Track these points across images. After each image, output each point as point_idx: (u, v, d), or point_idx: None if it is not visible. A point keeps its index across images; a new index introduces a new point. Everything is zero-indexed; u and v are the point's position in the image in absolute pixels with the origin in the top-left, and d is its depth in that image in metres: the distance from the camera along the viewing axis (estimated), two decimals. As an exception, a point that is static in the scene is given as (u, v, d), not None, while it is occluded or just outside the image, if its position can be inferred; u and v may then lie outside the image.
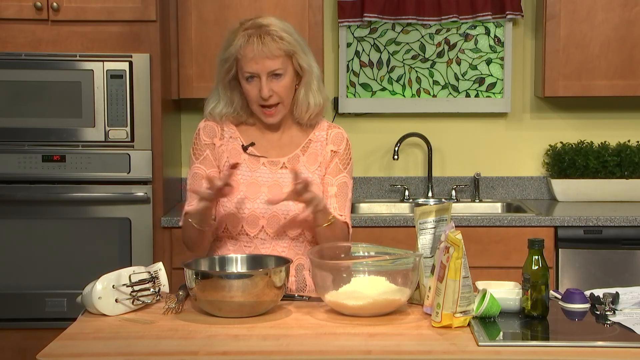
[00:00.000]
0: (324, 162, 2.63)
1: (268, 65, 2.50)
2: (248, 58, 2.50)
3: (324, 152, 2.64)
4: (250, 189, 2.57)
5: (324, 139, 2.65)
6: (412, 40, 4.39)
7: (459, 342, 2.06)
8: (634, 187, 4.21)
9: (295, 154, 2.62)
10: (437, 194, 4.41)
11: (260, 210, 2.56)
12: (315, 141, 2.65)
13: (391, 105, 4.41)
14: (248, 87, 2.54)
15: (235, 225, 2.57)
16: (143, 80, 3.75)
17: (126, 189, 3.77)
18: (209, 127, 2.65)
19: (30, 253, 3.77)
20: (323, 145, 2.65)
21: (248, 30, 2.52)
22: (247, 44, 2.50)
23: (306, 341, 2.08)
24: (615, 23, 4.05)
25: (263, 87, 2.51)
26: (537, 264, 2.26)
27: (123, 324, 2.23)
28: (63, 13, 3.76)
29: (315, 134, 2.65)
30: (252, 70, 2.51)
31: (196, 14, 4.02)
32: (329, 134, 2.66)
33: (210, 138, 2.64)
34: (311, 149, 2.64)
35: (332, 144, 2.65)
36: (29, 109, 3.73)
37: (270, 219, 2.56)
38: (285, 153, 2.62)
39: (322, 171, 2.63)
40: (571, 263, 3.81)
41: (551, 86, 4.09)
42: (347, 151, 2.68)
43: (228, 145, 2.62)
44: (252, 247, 2.58)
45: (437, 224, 2.42)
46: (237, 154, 2.60)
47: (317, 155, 2.63)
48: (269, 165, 2.60)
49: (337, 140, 2.67)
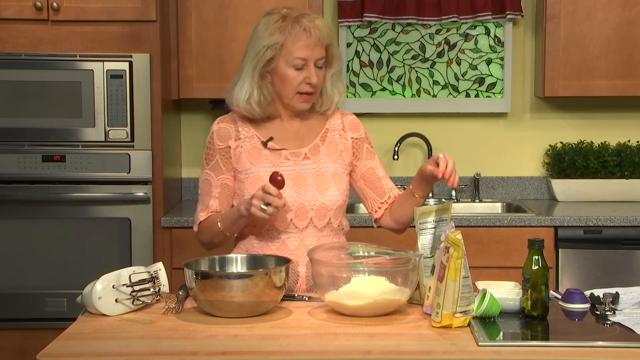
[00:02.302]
0: (344, 150, 2.64)
1: (318, 52, 2.52)
2: (302, 44, 2.50)
3: (344, 140, 2.65)
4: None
5: (341, 127, 2.66)
6: (412, 40, 4.39)
7: (459, 342, 2.06)
8: (634, 187, 4.21)
9: (315, 144, 2.62)
10: (437, 194, 4.41)
11: (288, 204, 2.55)
12: (332, 130, 2.65)
13: (391, 105, 4.41)
14: (292, 75, 2.52)
15: (264, 221, 2.54)
16: (143, 80, 3.75)
17: (126, 189, 3.77)
18: (222, 130, 2.61)
19: (30, 253, 3.77)
20: (341, 133, 2.65)
21: (292, 18, 2.51)
22: (302, 30, 2.50)
23: (306, 341, 2.08)
24: (615, 23, 4.05)
25: (312, 74, 2.52)
26: (537, 264, 2.26)
27: (123, 324, 2.23)
28: (63, 13, 3.76)
29: (331, 123, 2.66)
30: (304, 56, 2.51)
31: (196, 14, 4.02)
32: (345, 121, 2.68)
33: (224, 141, 2.60)
34: (329, 137, 2.64)
35: (350, 131, 2.67)
36: (29, 109, 3.73)
37: (297, 211, 2.56)
38: (305, 144, 2.62)
39: (343, 159, 2.63)
40: (571, 263, 3.81)
41: (551, 86, 4.09)
42: (367, 134, 2.72)
43: (246, 145, 2.60)
44: (279, 243, 2.57)
45: (437, 224, 2.42)
46: (258, 152, 2.59)
47: (337, 144, 2.64)
48: (291, 157, 2.59)
49: (354, 126, 2.69)
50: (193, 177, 4.39)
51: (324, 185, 2.57)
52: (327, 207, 2.57)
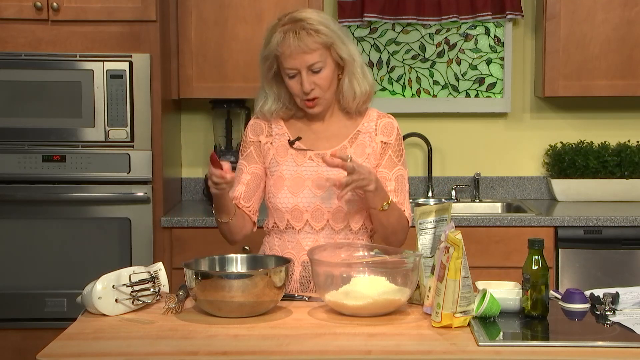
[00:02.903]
0: (372, 154, 2.62)
1: (306, 59, 2.51)
2: (286, 55, 2.51)
3: (373, 144, 2.63)
4: (295, 183, 2.58)
5: (373, 130, 2.64)
6: (412, 40, 4.39)
7: (459, 342, 2.06)
8: (634, 187, 4.21)
9: (343, 146, 2.62)
10: (437, 194, 4.41)
11: (304, 204, 2.57)
12: (363, 132, 2.64)
13: (391, 105, 4.40)
14: (291, 83, 2.55)
15: (282, 219, 2.60)
16: (143, 80, 3.75)
17: (126, 189, 3.77)
18: (256, 125, 2.69)
19: (30, 253, 3.77)
20: (372, 136, 2.64)
21: (285, 27, 2.52)
22: (283, 40, 2.51)
23: (306, 341, 2.08)
24: (615, 23, 4.05)
25: (304, 82, 2.52)
26: (537, 264, 2.26)
27: (123, 324, 2.23)
28: (63, 13, 3.76)
29: (364, 125, 2.65)
30: (291, 67, 2.52)
31: (196, 14, 4.02)
32: (379, 124, 2.65)
33: (256, 135, 2.67)
34: (359, 140, 2.63)
35: (382, 135, 2.64)
36: (29, 109, 3.73)
37: (314, 213, 2.57)
38: (332, 145, 2.62)
39: (371, 162, 2.61)
40: (571, 263, 3.81)
41: (551, 86, 4.09)
42: (399, 141, 2.67)
43: (275, 142, 2.64)
44: (295, 242, 2.60)
45: (437, 224, 2.42)
46: (284, 150, 2.62)
47: (365, 147, 2.62)
48: (316, 158, 2.60)
49: (387, 130, 2.65)
50: (193, 177, 4.39)
51: None
52: (343, 210, 2.57)
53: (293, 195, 2.58)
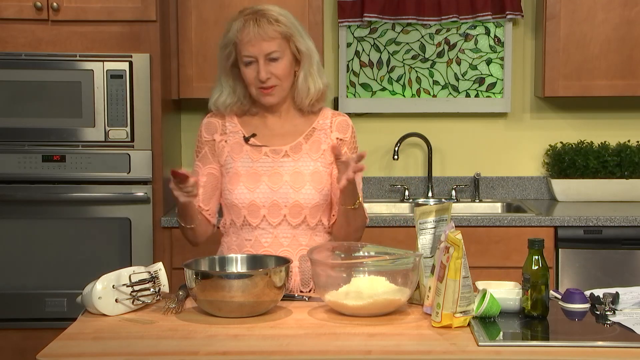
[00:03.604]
0: (328, 150, 2.62)
1: (265, 47, 2.52)
2: (245, 41, 2.52)
3: (329, 140, 2.64)
4: (251, 178, 2.58)
5: (328, 127, 2.65)
6: (412, 40, 4.39)
7: (459, 342, 2.06)
8: (634, 187, 4.21)
9: (298, 142, 2.63)
10: (437, 194, 4.41)
11: (261, 200, 2.57)
12: (319, 129, 2.65)
13: (391, 105, 4.40)
14: (247, 71, 2.55)
15: (238, 216, 2.59)
16: (143, 80, 3.75)
17: (126, 189, 3.77)
18: (209, 124, 2.69)
19: (30, 253, 3.77)
20: (327, 133, 2.65)
21: (246, 16, 2.55)
22: (243, 27, 2.53)
23: (306, 341, 2.08)
24: (615, 23, 4.05)
25: (261, 70, 2.53)
26: (537, 264, 2.26)
27: (123, 324, 2.23)
28: (63, 13, 3.76)
29: (319, 122, 2.66)
30: (249, 54, 2.53)
31: (196, 14, 4.02)
32: (334, 122, 2.66)
33: (211, 134, 2.68)
34: (315, 137, 2.64)
35: (337, 132, 2.65)
36: (29, 109, 3.73)
37: (271, 208, 2.57)
38: (287, 141, 2.63)
39: (326, 159, 2.62)
40: (571, 263, 3.81)
41: (551, 86, 4.09)
42: (354, 138, 2.69)
43: (230, 139, 2.64)
44: (253, 240, 2.59)
45: (437, 224, 2.42)
46: (239, 147, 2.62)
47: (320, 143, 2.63)
48: (271, 154, 2.61)
49: (343, 127, 2.67)
50: (193, 177, 4.39)
51: (300, 183, 2.57)
52: (301, 205, 2.57)
53: (249, 191, 2.57)
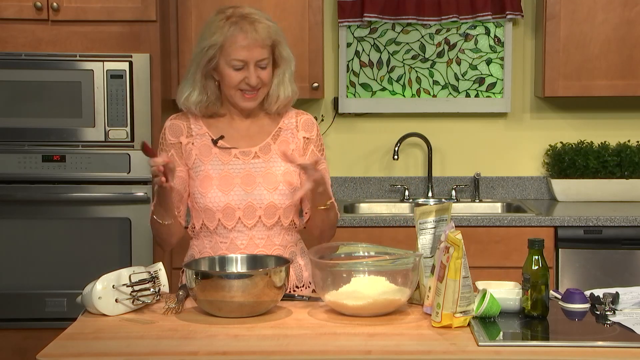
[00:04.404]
0: (296, 150, 2.64)
1: (258, 53, 2.52)
2: (238, 45, 2.50)
3: (296, 140, 2.65)
4: (224, 181, 2.57)
5: (294, 126, 2.66)
6: (412, 40, 4.39)
7: (459, 342, 2.06)
8: (634, 187, 4.21)
9: (267, 143, 2.63)
10: (437, 194, 4.41)
11: (236, 202, 2.56)
12: (285, 129, 2.66)
13: (391, 105, 4.40)
14: (233, 74, 2.53)
15: (212, 219, 2.57)
16: (143, 80, 3.75)
17: (126, 189, 3.77)
18: (174, 126, 2.65)
19: (30, 253, 3.77)
20: (294, 132, 2.66)
21: (233, 19, 2.52)
22: (239, 31, 2.50)
23: (306, 341, 2.08)
24: (615, 23, 4.05)
25: (251, 75, 2.52)
26: (537, 264, 2.26)
27: (123, 324, 2.23)
28: (63, 13, 3.76)
29: (284, 122, 2.66)
30: (241, 58, 2.51)
31: (196, 14, 4.02)
32: (299, 121, 2.67)
33: (176, 137, 2.64)
34: (282, 137, 2.65)
35: (303, 131, 2.66)
36: (29, 109, 3.73)
37: (246, 210, 2.56)
38: (256, 142, 2.63)
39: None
40: (571, 263, 3.81)
41: (551, 86, 4.09)
42: (319, 136, 2.71)
43: (197, 142, 2.62)
44: (228, 242, 2.57)
45: (437, 224, 2.42)
46: (208, 150, 2.60)
47: (288, 143, 2.64)
48: (241, 156, 2.60)
49: (308, 126, 2.68)
50: (193, 177, 4.39)
51: (273, 184, 2.57)
52: (276, 206, 2.57)
53: (224, 194, 2.56)
